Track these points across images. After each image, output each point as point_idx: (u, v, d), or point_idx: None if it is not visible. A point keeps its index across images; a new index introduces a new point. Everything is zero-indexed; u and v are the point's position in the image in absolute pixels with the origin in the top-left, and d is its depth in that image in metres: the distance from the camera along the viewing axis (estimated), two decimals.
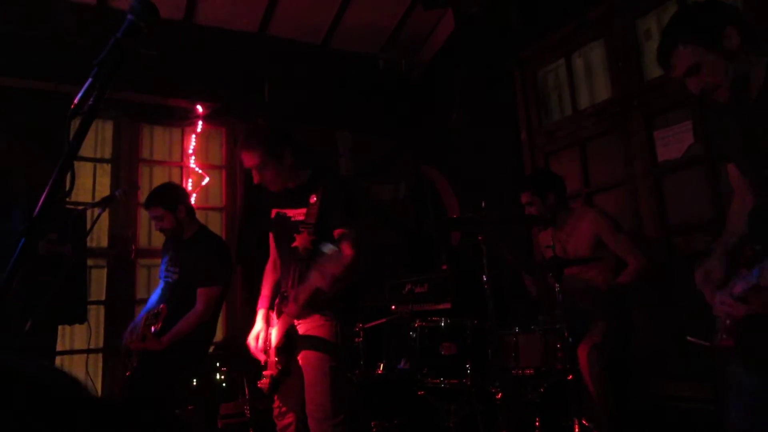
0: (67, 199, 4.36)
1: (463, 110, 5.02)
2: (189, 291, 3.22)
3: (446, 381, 2.88)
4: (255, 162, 2.50)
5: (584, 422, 2.81)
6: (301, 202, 2.55)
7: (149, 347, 3.10)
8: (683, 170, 3.65)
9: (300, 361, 2.46)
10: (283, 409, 2.54)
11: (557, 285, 2.94)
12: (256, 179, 2.56)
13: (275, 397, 2.56)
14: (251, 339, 2.58)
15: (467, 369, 2.86)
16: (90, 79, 1.11)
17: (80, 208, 3.73)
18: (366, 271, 2.58)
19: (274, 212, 2.69)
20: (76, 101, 1.10)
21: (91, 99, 1.09)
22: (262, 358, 2.53)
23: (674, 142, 3.71)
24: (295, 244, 2.51)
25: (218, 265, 3.30)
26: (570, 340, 2.88)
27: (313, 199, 2.50)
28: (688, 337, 1.83)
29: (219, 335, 4.49)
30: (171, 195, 3.40)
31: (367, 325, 3.57)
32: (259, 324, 2.60)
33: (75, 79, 4.12)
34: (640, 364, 3.37)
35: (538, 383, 2.95)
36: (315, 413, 2.35)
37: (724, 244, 1.82)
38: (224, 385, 3.76)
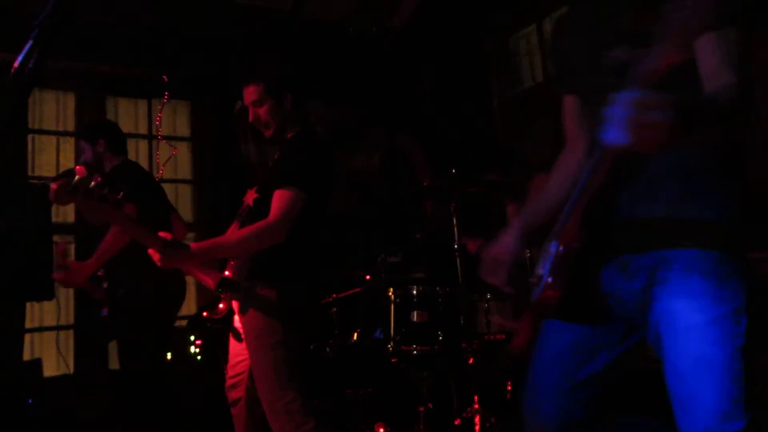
0: (30, 174, 4.26)
1: (435, 78, 4.98)
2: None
3: (418, 348, 2.90)
4: (253, 98, 2.30)
5: None
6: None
7: (74, 280, 2.96)
8: None
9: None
10: (236, 379, 2.39)
11: (528, 252, 2.96)
12: (251, 117, 2.34)
13: (227, 368, 2.43)
14: None
15: (439, 336, 2.89)
16: (30, 41, 1.05)
17: (42, 182, 3.65)
18: (310, 238, 2.30)
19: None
20: (16, 65, 1.04)
21: (32, 62, 1.04)
22: None
23: None
24: (244, 199, 2.38)
25: (132, 183, 3.09)
26: None
27: (276, 155, 2.36)
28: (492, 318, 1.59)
29: (192, 308, 4.47)
30: (94, 128, 3.36)
31: (341, 295, 3.57)
32: None
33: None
34: None
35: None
36: (263, 393, 2.16)
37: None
38: (199, 358, 3.75)
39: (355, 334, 3.34)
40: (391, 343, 2.98)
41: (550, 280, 1.25)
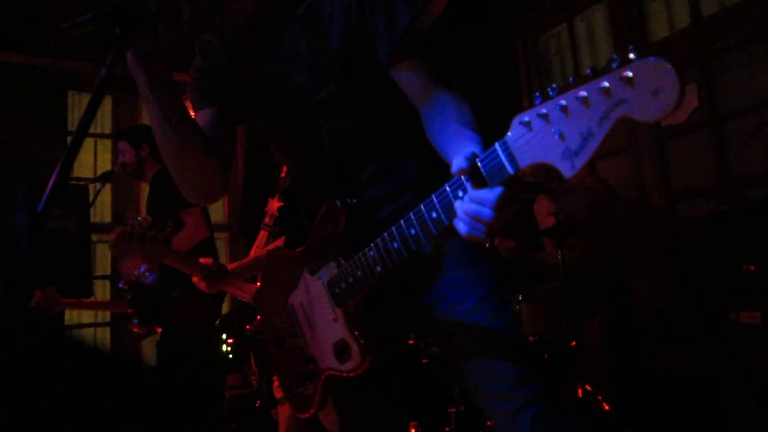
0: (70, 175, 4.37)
1: (463, 78, 4.97)
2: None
3: None
4: None
5: (588, 387, 2.84)
6: None
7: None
8: (687, 135, 3.62)
9: None
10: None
11: (560, 251, 2.95)
12: None
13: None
14: None
15: None
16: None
17: (82, 183, 3.74)
18: None
19: None
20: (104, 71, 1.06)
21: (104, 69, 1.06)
22: None
23: None
24: (267, 208, 2.43)
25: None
26: (572, 307, 2.91)
27: None
28: None
29: (225, 307, 4.53)
30: (138, 131, 3.40)
31: None
32: None
33: (73, 54, 4.03)
34: (644, 329, 3.40)
35: (542, 350, 2.98)
36: None
37: None
38: (231, 356, 3.80)
39: None
40: (423, 345, 2.99)
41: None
